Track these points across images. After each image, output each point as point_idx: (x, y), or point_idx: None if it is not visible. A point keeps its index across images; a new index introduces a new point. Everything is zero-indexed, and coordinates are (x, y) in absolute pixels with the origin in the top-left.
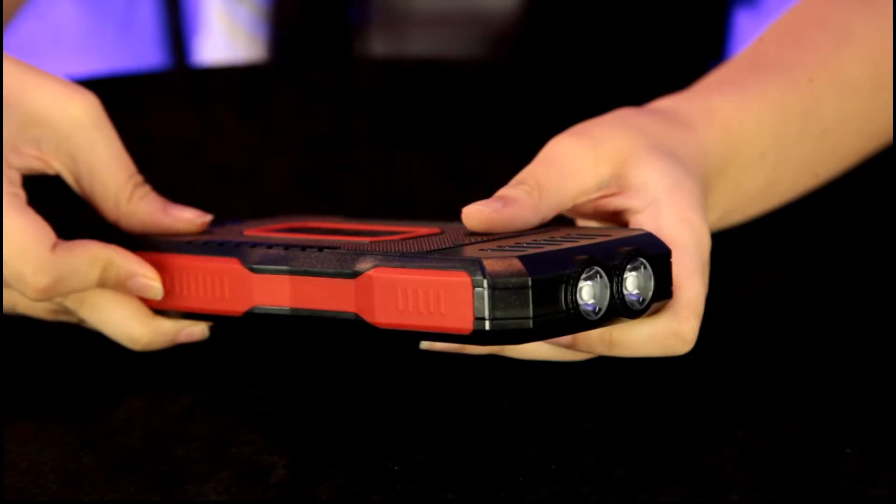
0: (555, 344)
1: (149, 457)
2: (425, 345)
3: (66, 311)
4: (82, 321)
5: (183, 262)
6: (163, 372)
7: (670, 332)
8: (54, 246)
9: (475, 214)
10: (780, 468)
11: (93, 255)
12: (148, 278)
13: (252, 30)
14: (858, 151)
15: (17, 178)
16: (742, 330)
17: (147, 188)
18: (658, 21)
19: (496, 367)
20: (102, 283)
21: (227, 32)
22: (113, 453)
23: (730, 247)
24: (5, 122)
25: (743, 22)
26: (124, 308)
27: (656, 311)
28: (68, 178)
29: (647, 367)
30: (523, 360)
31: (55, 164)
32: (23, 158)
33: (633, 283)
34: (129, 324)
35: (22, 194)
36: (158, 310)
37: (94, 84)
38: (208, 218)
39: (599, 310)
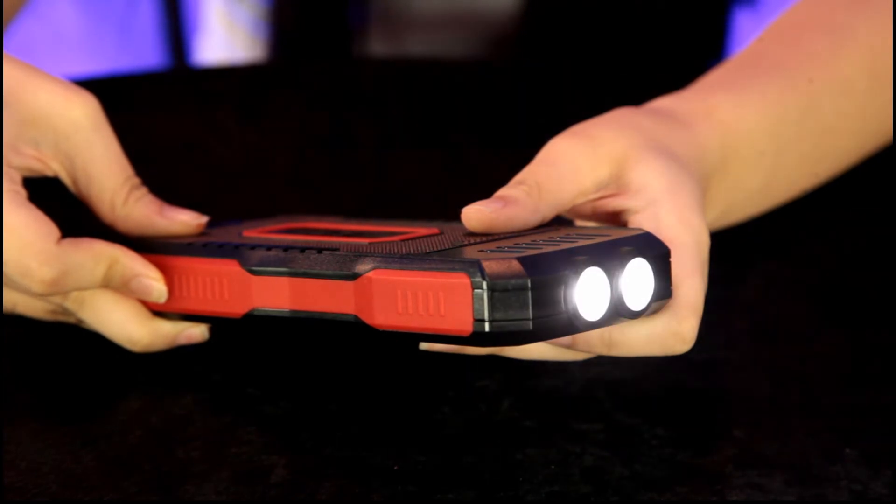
0: (554, 344)
1: (149, 457)
2: (424, 346)
3: (66, 311)
4: (81, 322)
5: (182, 264)
6: (163, 372)
7: (670, 331)
8: (59, 240)
9: (475, 214)
10: (780, 468)
11: (98, 252)
12: (152, 279)
13: (252, 30)
14: (858, 151)
15: (18, 178)
16: (742, 330)
17: (144, 191)
18: (658, 21)
19: (497, 368)
20: (107, 283)
21: (226, 32)
22: (113, 453)
23: (730, 246)
24: (5, 122)
25: (742, 22)
26: (124, 309)
27: (656, 311)
28: (66, 179)
29: (647, 366)
30: (523, 360)
31: (53, 165)
32: (22, 159)
33: (632, 283)
34: (128, 325)
35: (23, 192)
36: (158, 311)
37: (94, 84)
38: (204, 220)
39: (599, 310)
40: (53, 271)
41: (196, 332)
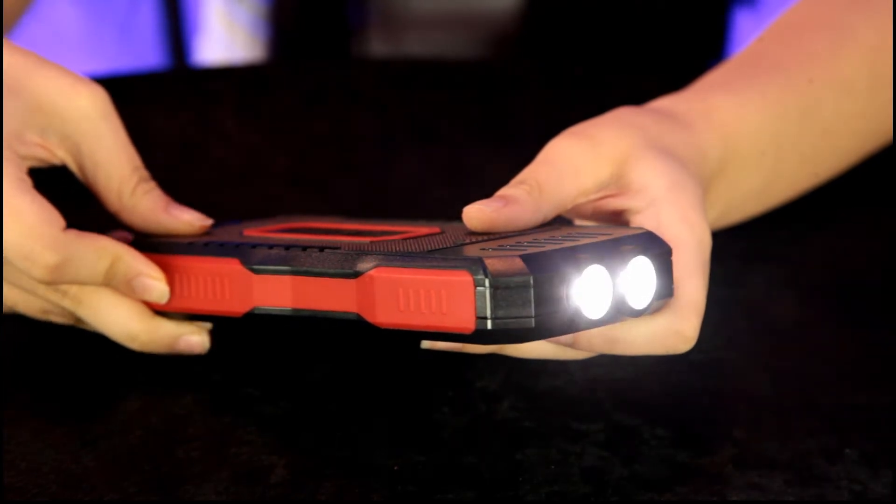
0: (556, 343)
1: (149, 457)
2: (426, 344)
3: (63, 311)
4: (79, 321)
5: (184, 263)
6: (163, 372)
7: (671, 330)
8: (64, 229)
9: (476, 214)
10: (779, 468)
11: (102, 246)
12: (154, 278)
13: (252, 29)
14: (858, 151)
15: (23, 166)
16: (742, 330)
17: (152, 184)
18: (658, 21)
19: (496, 368)
20: (108, 281)
21: (226, 32)
22: (113, 453)
23: (730, 246)
24: (12, 111)
25: (742, 22)
26: (124, 305)
27: (657, 310)
28: (72, 166)
29: (648, 366)
30: (524, 358)
31: (59, 153)
32: (27, 147)
33: (634, 281)
34: (128, 322)
35: (28, 180)
36: (160, 311)
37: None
38: (209, 222)
39: (601, 309)
40: (56, 256)
41: (196, 341)
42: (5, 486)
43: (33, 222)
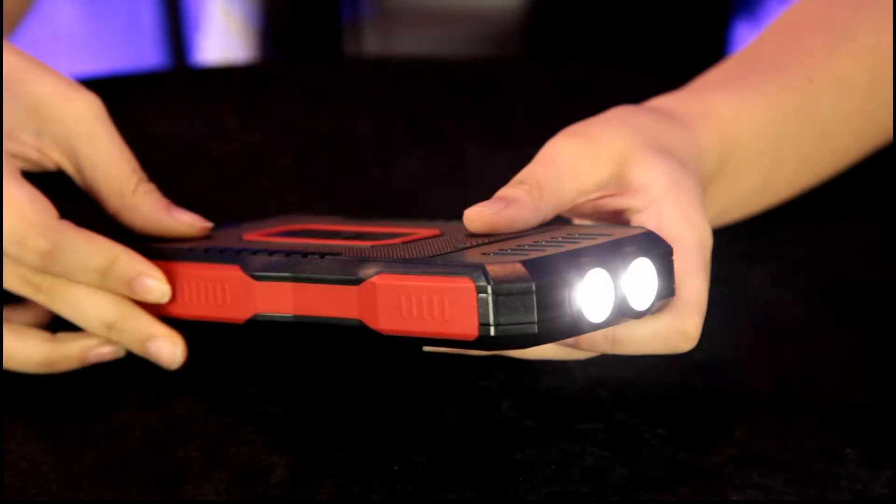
0: (558, 344)
1: (149, 457)
2: (428, 347)
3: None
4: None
5: (184, 270)
6: (163, 372)
7: (673, 329)
8: (59, 218)
9: (477, 216)
10: (780, 468)
11: (99, 244)
12: (154, 279)
13: (248, 21)
14: (857, 150)
15: (14, 162)
16: (743, 329)
17: (152, 186)
18: (658, 33)
19: (497, 368)
20: (106, 281)
21: (225, 27)
22: (113, 453)
23: (730, 246)
24: (6, 110)
25: (743, 34)
26: (100, 293)
27: (659, 310)
28: (69, 169)
29: (648, 366)
30: (525, 359)
31: (55, 156)
32: (20, 146)
33: (636, 282)
34: (104, 308)
35: (19, 172)
36: (162, 317)
37: (95, 84)
38: (209, 225)
39: (603, 312)
40: (48, 243)
41: (167, 351)
42: (5, 486)
43: (26, 210)
